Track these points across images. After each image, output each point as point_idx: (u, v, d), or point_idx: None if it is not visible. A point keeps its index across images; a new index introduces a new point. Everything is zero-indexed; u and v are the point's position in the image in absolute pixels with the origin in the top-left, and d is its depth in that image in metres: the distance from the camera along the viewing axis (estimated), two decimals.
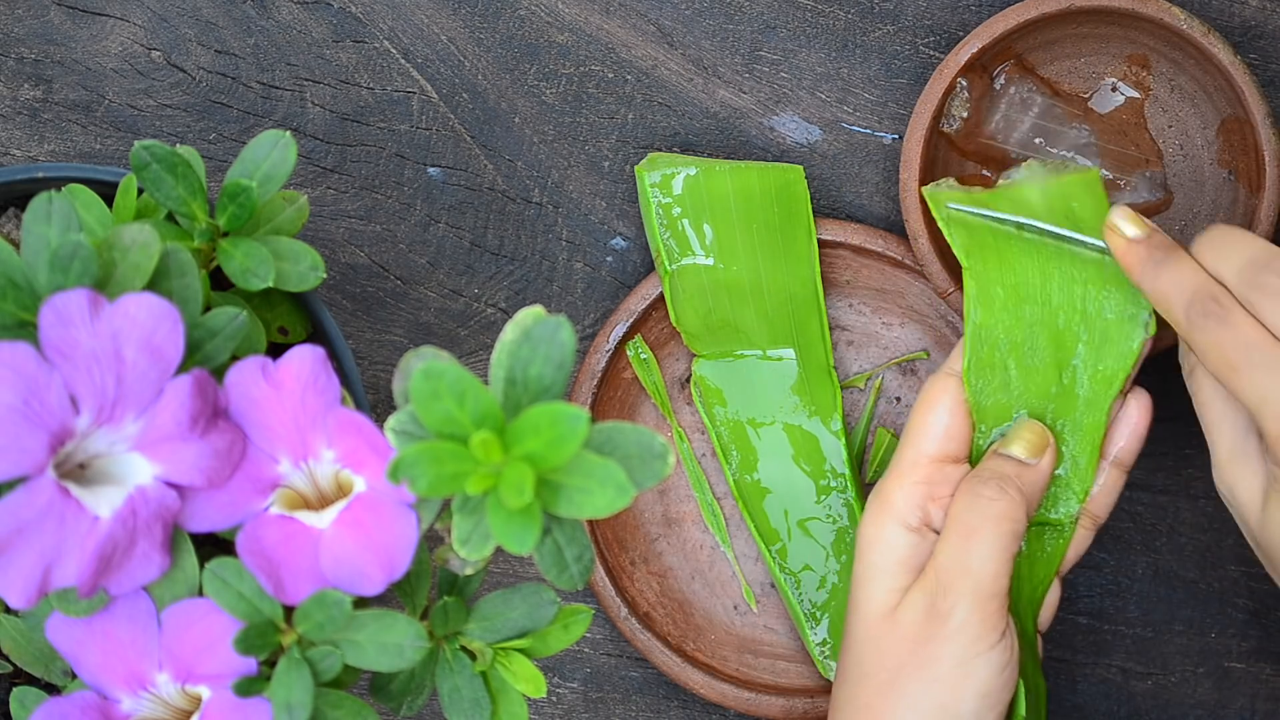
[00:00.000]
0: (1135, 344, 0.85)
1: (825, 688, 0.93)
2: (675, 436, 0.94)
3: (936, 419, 0.85)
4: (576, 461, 0.64)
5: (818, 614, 0.93)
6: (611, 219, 0.94)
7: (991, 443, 0.86)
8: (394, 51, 0.93)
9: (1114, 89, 0.92)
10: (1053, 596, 0.87)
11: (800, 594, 0.93)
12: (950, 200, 0.86)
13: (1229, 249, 0.80)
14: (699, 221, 0.91)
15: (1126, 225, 0.82)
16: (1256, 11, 0.92)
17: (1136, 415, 0.86)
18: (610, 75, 0.94)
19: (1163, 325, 0.85)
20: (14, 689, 0.72)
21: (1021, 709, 0.83)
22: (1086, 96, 0.92)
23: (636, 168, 0.92)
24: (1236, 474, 0.81)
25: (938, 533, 0.84)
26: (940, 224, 0.85)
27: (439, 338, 0.94)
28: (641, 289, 0.92)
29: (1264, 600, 0.94)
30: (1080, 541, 0.87)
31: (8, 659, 0.75)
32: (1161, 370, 0.94)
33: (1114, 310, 0.84)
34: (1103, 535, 0.94)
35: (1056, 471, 0.86)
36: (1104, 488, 0.87)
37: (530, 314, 0.66)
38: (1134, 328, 0.84)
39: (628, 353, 0.93)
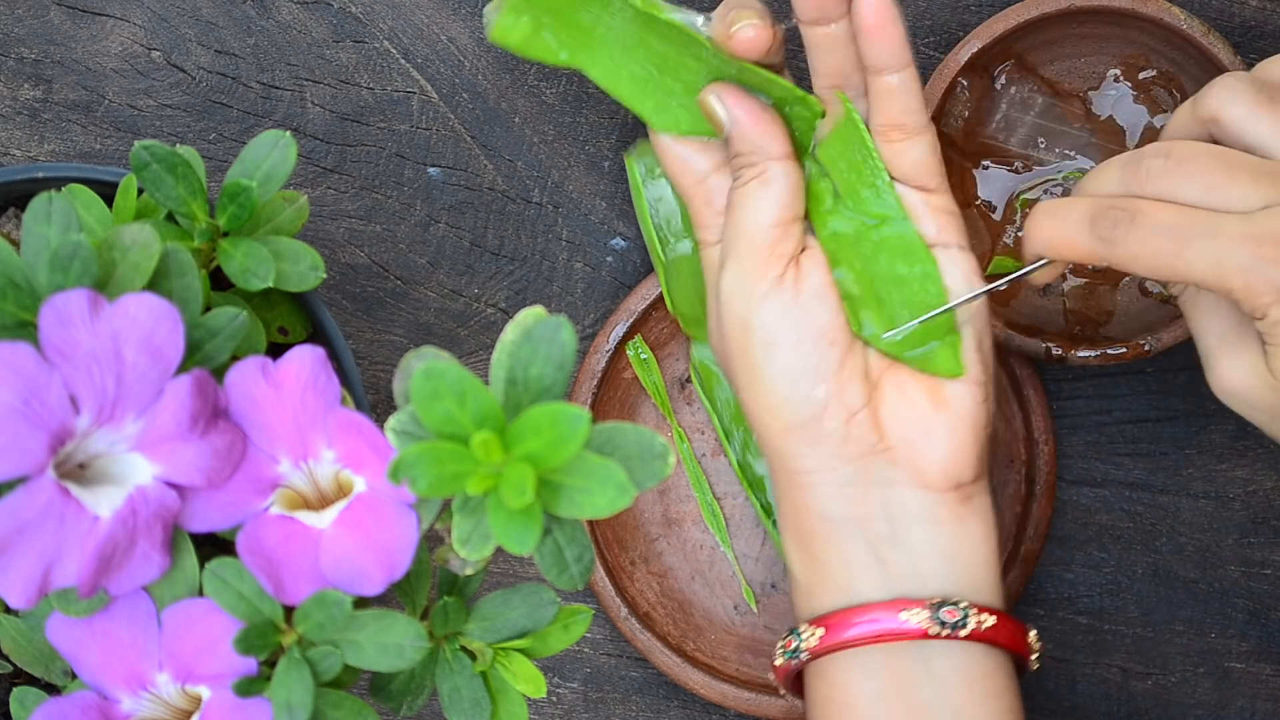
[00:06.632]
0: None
1: None
2: (675, 436, 0.94)
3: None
4: (577, 462, 0.64)
5: None
6: (611, 219, 0.94)
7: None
8: (394, 51, 0.93)
9: (1114, 89, 0.92)
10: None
11: None
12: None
13: (1101, 174, 0.77)
14: None
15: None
16: (1256, 11, 0.92)
17: None
18: None
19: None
20: (14, 689, 0.72)
21: None
22: (1086, 97, 0.92)
23: (626, 156, 0.92)
24: (1232, 357, 0.77)
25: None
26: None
27: (439, 338, 0.94)
28: (641, 289, 0.92)
29: (1264, 600, 0.94)
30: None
31: (8, 659, 0.75)
32: (1161, 370, 0.94)
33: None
34: (1103, 535, 0.94)
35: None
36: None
37: (531, 314, 0.66)
38: None
39: (628, 353, 0.93)
